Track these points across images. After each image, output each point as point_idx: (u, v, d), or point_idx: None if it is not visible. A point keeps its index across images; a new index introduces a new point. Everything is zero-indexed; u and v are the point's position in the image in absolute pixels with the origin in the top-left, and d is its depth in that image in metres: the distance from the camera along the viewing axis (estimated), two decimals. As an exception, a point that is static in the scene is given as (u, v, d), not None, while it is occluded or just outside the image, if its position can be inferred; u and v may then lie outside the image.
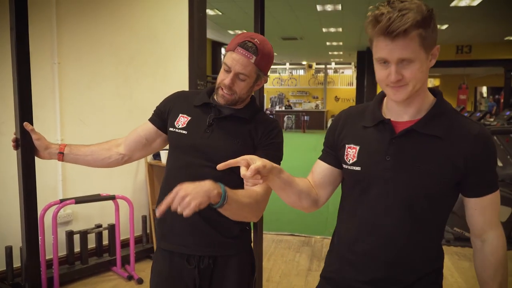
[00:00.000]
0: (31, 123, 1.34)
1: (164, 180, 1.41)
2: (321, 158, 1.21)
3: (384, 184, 1.04)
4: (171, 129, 1.39)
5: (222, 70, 1.32)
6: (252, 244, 1.51)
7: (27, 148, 1.34)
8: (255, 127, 1.35)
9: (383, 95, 1.14)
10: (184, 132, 1.36)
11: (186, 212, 0.98)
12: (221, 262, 1.36)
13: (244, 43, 1.27)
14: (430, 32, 0.97)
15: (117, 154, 1.47)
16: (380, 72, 1.02)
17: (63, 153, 1.41)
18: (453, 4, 8.04)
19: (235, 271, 1.37)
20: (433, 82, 20.40)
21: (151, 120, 1.46)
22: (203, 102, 1.38)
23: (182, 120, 1.37)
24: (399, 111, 1.06)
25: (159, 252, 1.42)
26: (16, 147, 1.35)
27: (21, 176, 1.33)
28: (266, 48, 1.31)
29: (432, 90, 1.09)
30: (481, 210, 1.06)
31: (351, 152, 1.10)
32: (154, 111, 1.47)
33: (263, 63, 1.31)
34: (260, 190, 1.27)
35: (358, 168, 1.08)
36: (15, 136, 1.35)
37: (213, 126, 1.34)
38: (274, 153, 1.33)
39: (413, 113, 1.05)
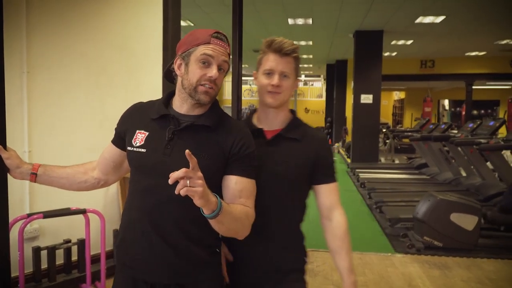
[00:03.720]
0: (4, 139, 1.27)
1: (127, 203, 1.31)
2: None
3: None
4: (129, 148, 1.28)
5: (196, 66, 1.21)
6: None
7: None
8: (224, 138, 1.23)
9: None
10: (142, 150, 1.23)
11: (184, 191, 0.97)
12: None
13: (217, 34, 1.24)
14: (298, 64, 1.41)
15: (93, 178, 1.41)
16: (265, 80, 1.36)
17: (36, 174, 1.34)
18: (417, 20, 8.37)
19: None
20: (399, 95, 21.04)
21: (113, 141, 1.37)
22: (160, 115, 1.26)
23: (139, 137, 1.25)
24: (271, 122, 1.42)
25: (120, 278, 1.30)
26: None
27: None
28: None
29: (290, 110, 1.48)
30: (328, 194, 1.43)
31: None
32: (115, 130, 1.37)
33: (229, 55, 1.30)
34: (250, 207, 1.24)
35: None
36: None
37: (174, 140, 1.22)
38: (251, 164, 1.25)
39: (279, 123, 1.42)
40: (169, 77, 1.35)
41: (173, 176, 0.97)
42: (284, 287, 1.39)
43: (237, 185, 1.23)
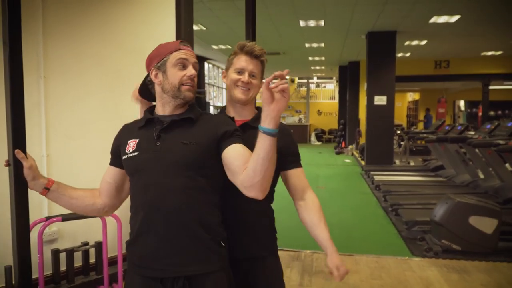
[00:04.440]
0: (24, 148, 1.29)
1: (131, 208, 1.38)
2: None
3: None
4: (124, 157, 1.37)
5: (175, 70, 1.34)
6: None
7: (19, 166, 1.29)
8: (208, 125, 1.36)
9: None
10: (136, 153, 1.34)
11: (281, 87, 1.18)
12: (196, 283, 1.30)
13: (183, 42, 1.41)
14: (264, 68, 1.57)
15: (99, 203, 1.45)
16: (236, 76, 1.51)
17: (49, 189, 1.36)
18: (431, 20, 8.28)
19: None
20: (413, 96, 20.82)
21: (111, 163, 1.45)
22: (145, 120, 1.38)
23: (131, 145, 1.36)
24: (239, 113, 1.54)
25: (132, 275, 1.36)
26: (7, 164, 1.31)
27: (13, 195, 1.29)
28: None
29: (257, 107, 1.61)
30: (298, 177, 1.54)
31: None
32: (110, 153, 1.46)
33: None
34: None
35: None
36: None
37: (161, 137, 1.33)
38: (239, 138, 1.35)
39: (247, 115, 1.56)
40: (143, 93, 1.48)
41: (268, 79, 1.19)
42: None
43: (242, 149, 1.32)
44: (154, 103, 1.46)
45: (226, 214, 1.41)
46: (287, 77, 1.27)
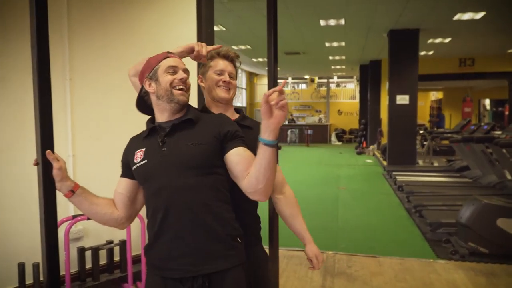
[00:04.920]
0: (52, 148, 1.32)
1: (147, 214, 1.40)
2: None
3: None
4: (133, 167, 1.41)
5: (165, 75, 1.40)
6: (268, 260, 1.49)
7: (48, 166, 1.32)
8: (210, 126, 1.39)
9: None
10: (144, 162, 1.38)
11: (283, 103, 1.19)
12: (215, 280, 1.32)
13: (170, 52, 1.48)
14: (237, 70, 1.69)
15: (116, 213, 1.46)
16: (217, 77, 1.60)
17: (74, 192, 1.38)
18: (456, 17, 8.10)
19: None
20: (436, 95, 20.43)
21: (122, 175, 1.48)
22: (149, 130, 1.44)
23: (139, 154, 1.41)
24: (224, 113, 1.54)
25: (152, 277, 1.38)
26: (36, 163, 1.33)
27: (42, 194, 1.31)
28: None
29: (236, 109, 1.70)
30: (278, 172, 1.56)
31: None
32: (121, 166, 1.49)
33: None
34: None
35: None
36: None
37: (166, 143, 1.37)
38: (242, 138, 1.39)
39: (230, 116, 1.57)
40: (141, 106, 1.53)
41: (267, 93, 1.20)
42: None
43: (245, 153, 1.35)
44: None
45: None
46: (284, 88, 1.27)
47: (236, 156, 1.34)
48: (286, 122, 19.87)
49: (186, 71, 1.44)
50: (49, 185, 1.32)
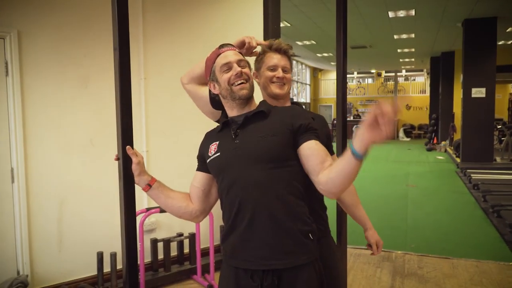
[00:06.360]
0: (132, 144, 1.41)
1: (222, 206, 1.42)
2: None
3: None
4: (208, 160, 1.42)
5: (222, 74, 1.39)
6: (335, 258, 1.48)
7: (128, 161, 1.41)
8: (282, 117, 1.38)
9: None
10: (218, 154, 1.39)
11: (391, 120, 1.11)
12: (285, 278, 1.30)
13: (220, 45, 1.45)
14: (292, 62, 1.67)
15: (191, 207, 1.49)
16: (270, 74, 1.59)
17: (151, 186, 1.44)
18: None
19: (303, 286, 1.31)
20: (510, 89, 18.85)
21: (198, 169, 1.49)
22: (222, 123, 1.44)
23: (213, 148, 1.42)
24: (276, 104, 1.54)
25: (226, 268, 1.41)
26: (117, 158, 1.43)
27: (122, 188, 1.41)
28: None
29: (293, 103, 1.66)
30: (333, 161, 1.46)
31: None
32: (197, 160, 1.51)
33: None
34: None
35: None
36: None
37: (239, 136, 1.37)
38: (314, 133, 1.36)
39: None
40: (215, 105, 1.57)
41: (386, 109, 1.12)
42: None
43: (317, 146, 1.34)
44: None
45: None
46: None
47: (308, 150, 1.32)
48: (351, 118, 19.43)
49: (240, 61, 1.41)
50: (129, 179, 1.41)
